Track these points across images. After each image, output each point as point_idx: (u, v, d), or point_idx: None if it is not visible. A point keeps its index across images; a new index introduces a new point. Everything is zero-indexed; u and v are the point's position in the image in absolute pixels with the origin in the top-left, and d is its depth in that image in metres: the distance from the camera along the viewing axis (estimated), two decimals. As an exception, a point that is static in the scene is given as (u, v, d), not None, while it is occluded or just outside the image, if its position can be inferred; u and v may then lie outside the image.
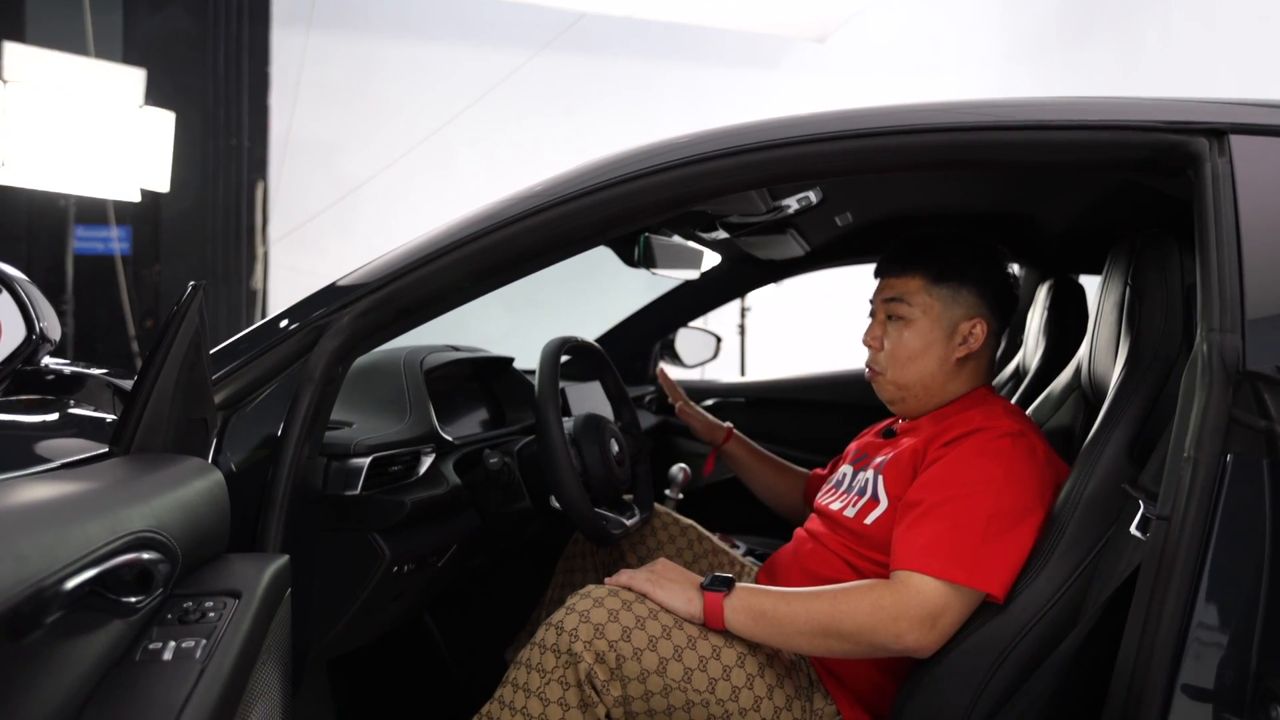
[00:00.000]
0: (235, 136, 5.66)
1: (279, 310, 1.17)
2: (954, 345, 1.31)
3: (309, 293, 1.17)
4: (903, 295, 1.32)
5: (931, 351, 1.31)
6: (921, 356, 1.31)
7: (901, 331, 1.32)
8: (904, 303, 1.32)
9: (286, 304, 1.19)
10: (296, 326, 1.13)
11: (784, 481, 1.73)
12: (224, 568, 0.80)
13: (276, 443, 1.09)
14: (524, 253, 1.16)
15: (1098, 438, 1.13)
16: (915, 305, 1.31)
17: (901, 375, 1.32)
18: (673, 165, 1.12)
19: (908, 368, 1.32)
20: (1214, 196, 0.97)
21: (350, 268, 1.21)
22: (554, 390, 1.36)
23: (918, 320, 1.31)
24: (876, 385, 1.36)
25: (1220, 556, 0.91)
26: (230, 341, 1.15)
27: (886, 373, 1.34)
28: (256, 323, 1.18)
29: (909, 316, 1.31)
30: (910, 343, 1.31)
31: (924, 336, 1.31)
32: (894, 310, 1.33)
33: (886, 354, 1.33)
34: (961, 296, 1.31)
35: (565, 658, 1.10)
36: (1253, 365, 0.89)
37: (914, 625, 1.09)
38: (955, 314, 1.31)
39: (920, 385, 1.32)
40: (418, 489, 1.27)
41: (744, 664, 1.15)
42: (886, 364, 1.33)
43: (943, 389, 1.32)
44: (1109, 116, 1.05)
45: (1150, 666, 0.94)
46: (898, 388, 1.33)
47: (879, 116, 1.10)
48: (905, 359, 1.32)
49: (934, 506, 1.16)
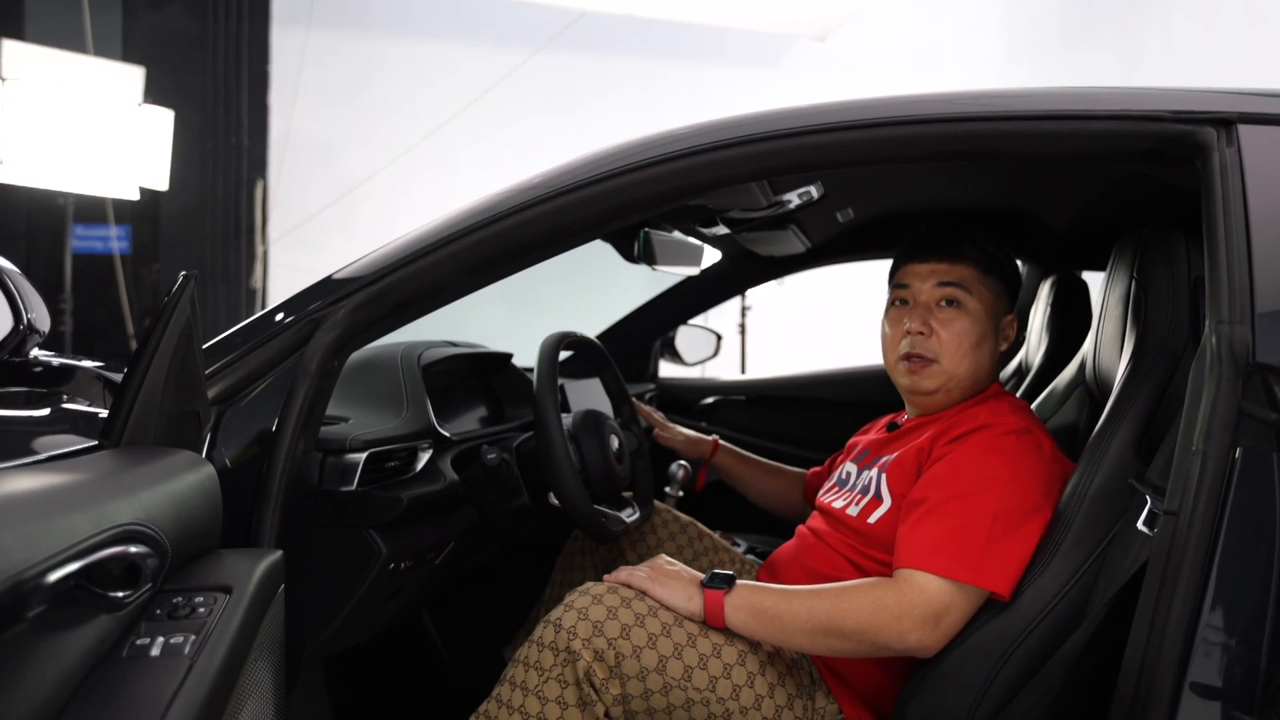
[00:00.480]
0: (235, 135, 5.65)
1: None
2: (998, 339, 1.30)
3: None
4: (962, 281, 1.27)
5: (986, 343, 1.28)
6: (978, 348, 1.27)
7: (957, 319, 1.26)
8: (964, 289, 1.27)
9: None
10: (292, 320, 1.12)
11: (779, 484, 1.72)
12: (216, 563, 0.78)
13: (271, 437, 1.08)
14: (522, 245, 1.14)
15: (1103, 432, 1.12)
16: (974, 294, 1.27)
17: (958, 366, 1.26)
18: (674, 156, 1.10)
19: (966, 358, 1.26)
20: (1222, 187, 0.96)
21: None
22: (552, 385, 1.35)
23: (975, 309, 1.27)
24: (923, 374, 1.27)
25: (1229, 552, 0.89)
26: (225, 335, 1.14)
27: (942, 360, 1.26)
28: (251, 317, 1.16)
29: (967, 305, 1.27)
30: (970, 333, 1.26)
31: (982, 327, 1.27)
32: (953, 295, 1.27)
33: (944, 341, 1.26)
34: (1004, 291, 1.31)
35: (564, 655, 1.08)
36: (1263, 357, 0.88)
37: (917, 624, 1.07)
38: (1000, 308, 1.30)
39: (970, 377, 1.28)
40: (415, 485, 1.26)
41: (745, 662, 1.13)
42: (944, 351, 1.26)
43: (980, 384, 1.30)
44: (1115, 107, 1.03)
45: (1158, 664, 0.92)
46: (949, 378, 1.27)
47: (884, 107, 1.09)
48: (966, 348, 1.26)
49: (939, 504, 1.14)
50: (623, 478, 1.48)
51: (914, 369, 1.28)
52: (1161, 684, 0.92)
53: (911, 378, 1.29)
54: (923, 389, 1.29)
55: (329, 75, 5.71)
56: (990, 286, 1.29)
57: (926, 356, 1.27)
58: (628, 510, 1.48)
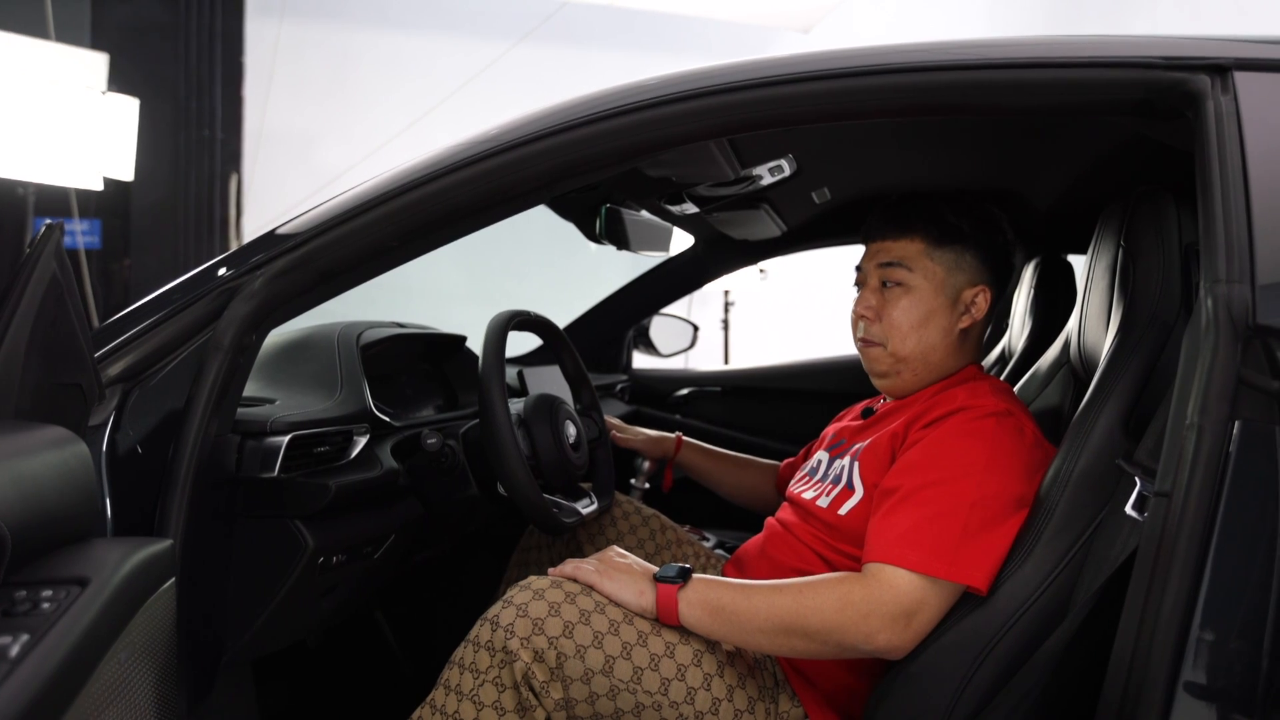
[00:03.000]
0: (208, 128, 5.53)
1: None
2: (957, 314, 1.21)
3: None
4: (902, 259, 1.21)
5: (934, 321, 1.20)
6: (924, 326, 1.20)
7: (901, 299, 1.20)
8: (903, 267, 1.20)
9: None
10: (204, 290, 1.02)
11: (749, 478, 1.63)
12: (78, 553, 0.68)
13: (179, 418, 0.98)
14: (458, 209, 1.05)
15: (1088, 411, 1.03)
16: (916, 270, 1.20)
17: (902, 346, 1.21)
18: (621, 111, 1.02)
19: (909, 338, 1.20)
20: (1218, 136, 0.87)
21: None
22: (499, 367, 1.25)
23: (919, 287, 1.20)
24: (871, 358, 1.24)
25: (1227, 536, 0.81)
26: (133, 307, 1.05)
27: (886, 344, 1.21)
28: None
29: (909, 283, 1.20)
30: (912, 311, 1.20)
31: (926, 304, 1.20)
32: (892, 276, 1.21)
33: (886, 323, 1.21)
34: (965, 261, 1.21)
35: (500, 656, 0.99)
36: (1264, 319, 0.79)
37: (886, 623, 0.98)
38: (958, 280, 1.21)
39: (920, 358, 1.21)
40: (346, 472, 1.16)
41: (701, 662, 1.04)
42: (886, 334, 1.21)
43: (942, 363, 1.22)
44: (1103, 54, 0.95)
45: (1149, 662, 0.84)
46: (896, 360, 1.22)
47: (849, 57, 1.00)
48: (907, 329, 1.20)
49: (912, 493, 1.05)
50: (579, 466, 1.38)
51: (865, 352, 1.25)
52: (1153, 684, 0.83)
53: (865, 360, 1.26)
54: (875, 371, 1.25)
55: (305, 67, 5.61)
56: (942, 259, 1.20)
57: (870, 340, 1.24)
58: (584, 501, 1.38)
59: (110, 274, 5.29)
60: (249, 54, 5.58)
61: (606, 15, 5.39)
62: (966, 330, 1.22)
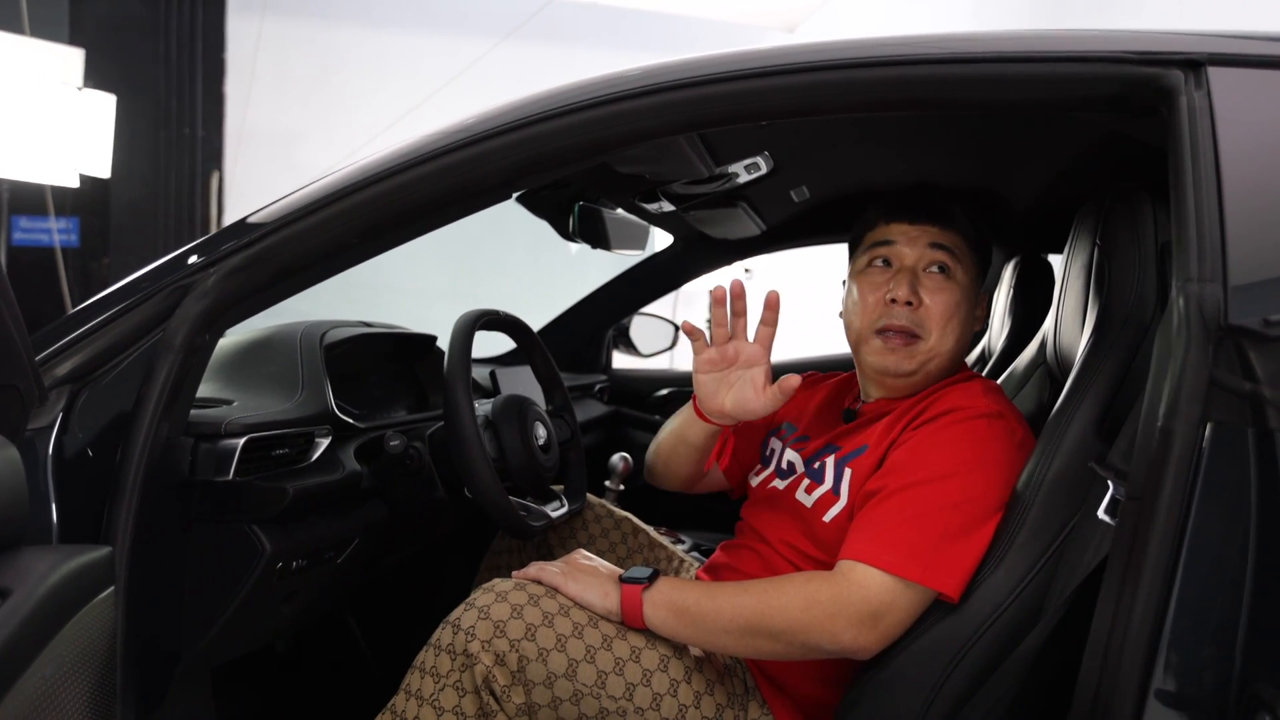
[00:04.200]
0: (189, 125, 5.48)
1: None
2: (975, 317, 1.17)
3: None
4: (953, 248, 1.12)
5: (966, 320, 1.14)
6: (962, 323, 1.12)
7: (946, 287, 1.11)
8: (953, 255, 1.11)
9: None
10: (155, 287, 0.99)
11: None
12: (4, 563, 0.65)
13: (127, 420, 0.95)
14: (420, 205, 1.02)
15: (1062, 412, 1.01)
16: (962, 264, 1.12)
17: (940, 341, 1.10)
18: (586, 105, 0.99)
19: (949, 334, 1.11)
20: (1190, 132, 0.85)
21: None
22: (465, 366, 1.23)
23: (961, 281, 1.12)
24: (904, 354, 1.10)
25: (1199, 541, 0.79)
26: (82, 306, 1.02)
27: (929, 336, 1.10)
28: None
29: (955, 274, 1.12)
30: (954, 304, 1.10)
31: (967, 299, 1.13)
32: (943, 260, 1.11)
33: (932, 313, 1.10)
34: (983, 267, 1.19)
35: (461, 660, 0.97)
36: (1236, 319, 0.77)
37: (852, 623, 0.96)
38: (979, 284, 1.18)
39: (950, 356, 1.13)
40: (306, 475, 1.13)
41: (667, 667, 1.01)
42: (927, 324, 1.10)
43: (955, 363, 1.16)
44: (1076, 48, 0.93)
45: (1120, 669, 0.82)
46: (931, 356, 1.11)
47: (819, 51, 0.98)
48: (951, 322, 1.10)
49: (895, 492, 1.02)
50: (549, 469, 1.36)
51: (894, 346, 1.11)
52: (1124, 691, 0.81)
53: (890, 357, 1.11)
54: (902, 370, 1.12)
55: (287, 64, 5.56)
56: (975, 260, 1.17)
57: (913, 332, 1.10)
58: (554, 504, 1.36)
59: (89, 273, 5.22)
60: (230, 51, 5.53)
61: (591, 13, 5.36)
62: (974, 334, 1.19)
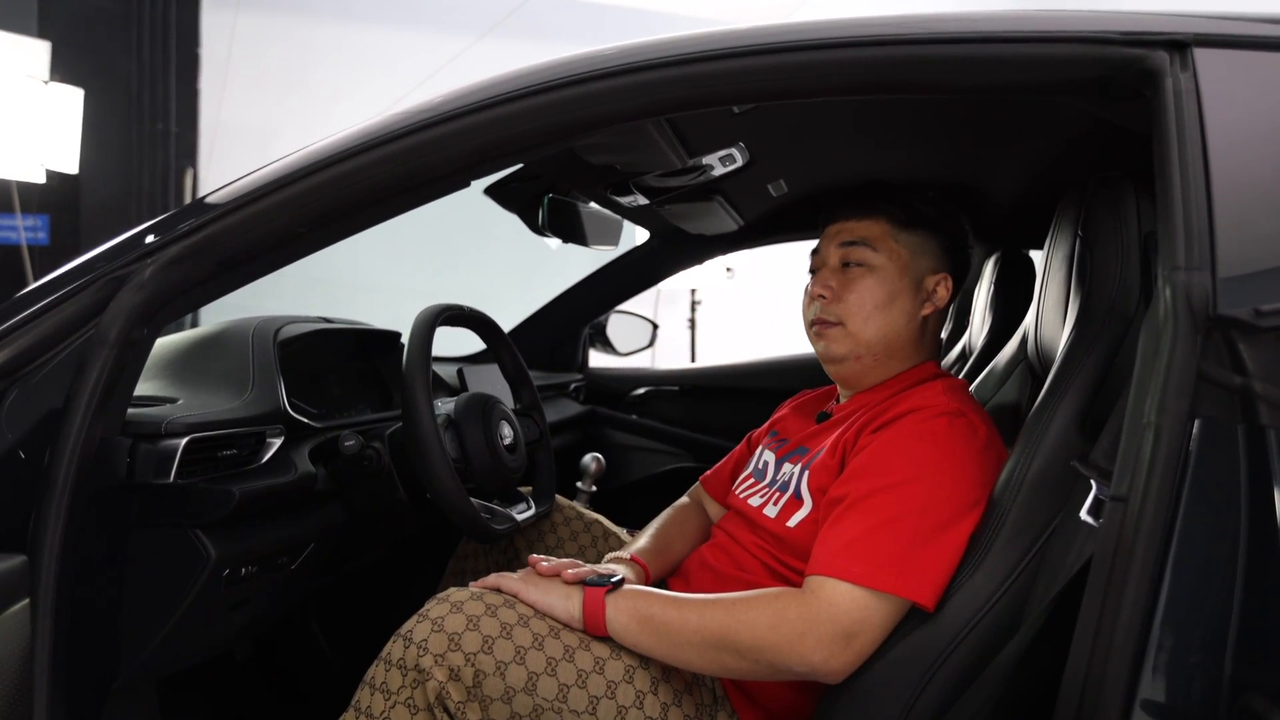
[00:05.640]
0: (162, 121, 5.39)
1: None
2: (920, 300, 1.15)
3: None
4: (866, 239, 1.15)
5: (898, 304, 1.14)
6: (887, 309, 1.14)
7: (864, 279, 1.14)
8: (868, 247, 1.14)
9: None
10: (90, 279, 0.94)
11: (691, 528, 1.33)
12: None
13: (57, 419, 0.90)
14: (372, 192, 0.97)
15: (1043, 409, 0.97)
16: (881, 250, 1.14)
17: (864, 328, 1.14)
18: (546, 87, 0.94)
19: (872, 320, 1.13)
20: (1176, 115, 0.81)
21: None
22: (424, 363, 1.17)
23: (883, 267, 1.14)
24: (828, 340, 1.16)
25: (1187, 543, 0.75)
26: (14, 298, 0.96)
27: (846, 322, 1.14)
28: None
29: (872, 263, 1.14)
30: (875, 291, 1.13)
31: (890, 285, 1.14)
32: (855, 255, 1.15)
33: (847, 303, 1.14)
34: (929, 247, 1.16)
35: (413, 675, 0.91)
36: (1225, 309, 0.73)
37: (823, 644, 0.92)
38: (922, 265, 1.16)
39: (883, 344, 1.14)
40: (254, 477, 1.08)
41: (633, 678, 0.97)
42: (846, 313, 1.14)
43: (902, 351, 1.16)
44: (1057, 28, 0.89)
45: (1104, 678, 0.78)
46: (855, 343, 1.14)
47: (786, 31, 0.94)
48: (871, 309, 1.13)
49: (859, 500, 0.99)
50: (515, 470, 1.31)
51: (820, 332, 1.17)
52: (1108, 701, 0.77)
53: (819, 343, 1.18)
54: (832, 355, 1.17)
55: (264, 59, 5.48)
56: (907, 242, 1.15)
57: (826, 320, 1.16)
58: (520, 506, 1.31)
59: (59, 271, 5.13)
60: (205, 45, 5.44)
61: (573, 10, 5.32)
62: (927, 319, 1.16)
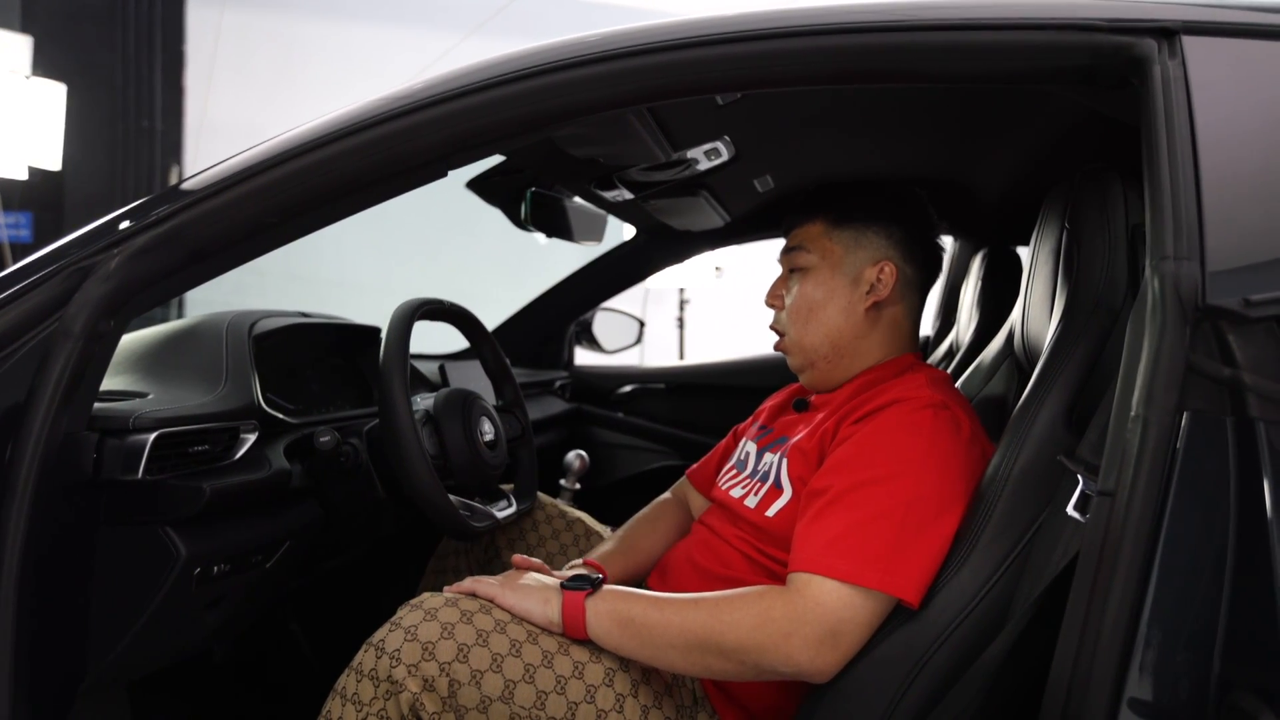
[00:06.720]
0: (147, 118, 5.35)
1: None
2: (860, 293, 1.13)
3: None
4: (802, 242, 1.16)
5: (834, 302, 1.13)
6: (823, 309, 1.13)
7: (801, 283, 1.16)
8: (803, 250, 1.16)
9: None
10: (54, 269, 0.91)
11: (666, 526, 1.33)
12: None
13: (19, 414, 0.87)
14: (346, 181, 0.95)
15: (1029, 404, 0.96)
16: (814, 251, 1.15)
17: (805, 334, 1.14)
18: (521, 75, 0.92)
19: (810, 323, 1.14)
20: (1165, 103, 0.80)
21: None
22: (402, 358, 1.15)
23: (815, 267, 1.15)
24: (786, 355, 1.19)
25: (1175, 539, 0.73)
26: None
27: (789, 331, 1.16)
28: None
29: (807, 265, 1.15)
30: (810, 293, 1.14)
31: (824, 285, 1.14)
32: (794, 261, 1.16)
33: (788, 310, 1.16)
34: (866, 239, 1.14)
35: (385, 686, 0.89)
36: (1214, 299, 0.72)
37: (809, 643, 0.89)
38: (858, 258, 1.14)
39: (828, 344, 1.14)
40: (226, 474, 1.05)
41: (613, 682, 0.95)
42: (788, 321, 1.16)
43: (854, 348, 1.14)
44: (1040, 14, 0.87)
45: (1091, 676, 0.76)
46: (803, 350, 1.15)
47: (766, 18, 0.92)
48: (806, 312, 1.14)
49: (842, 494, 0.97)
50: (495, 466, 1.28)
51: (777, 348, 1.20)
52: (1095, 700, 0.76)
53: (786, 357, 1.20)
54: (793, 368, 1.19)
55: (250, 57, 5.45)
56: (841, 238, 1.14)
57: (779, 330, 1.19)
58: (500, 504, 1.28)
59: (42, 269, 5.09)
60: (190, 42, 5.41)
61: (562, 7, 5.30)
62: (877, 309, 1.13)
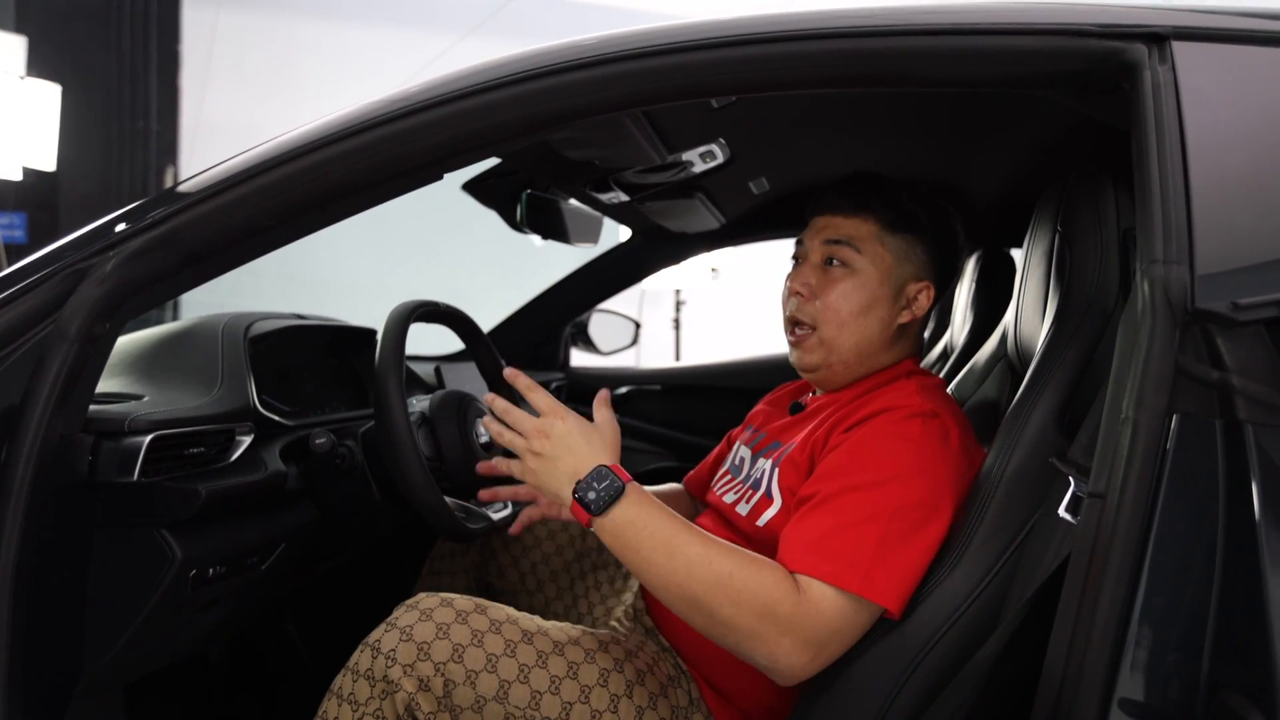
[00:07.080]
0: (143, 118, 5.34)
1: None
2: (898, 309, 1.11)
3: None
4: (852, 239, 1.10)
5: (875, 311, 1.09)
6: (864, 315, 1.09)
7: (843, 280, 1.09)
8: (852, 248, 1.09)
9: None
10: (49, 271, 0.91)
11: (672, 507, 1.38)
12: None
13: (15, 416, 0.88)
14: (341, 184, 0.95)
15: (1021, 406, 0.96)
16: (865, 253, 1.09)
17: (839, 335, 1.10)
18: (517, 79, 0.93)
19: (847, 326, 1.09)
20: (1155, 108, 0.81)
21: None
22: (397, 360, 1.15)
23: (865, 271, 1.09)
24: (802, 350, 1.12)
25: (1164, 540, 0.74)
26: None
27: (821, 328, 1.10)
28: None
29: (855, 265, 1.09)
30: (853, 296, 1.09)
31: (870, 291, 1.09)
32: (839, 254, 1.10)
33: (822, 305, 1.10)
34: (915, 253, 1.11)
35: (381, 686, 0.89)
36: (1203, 303, 0.73)
37: (799, 647, 0.89)
38: (905, 271, 1.11)
39: (854, 351, 1.10)
40: (222, 476, 1.05)
41: (608, 682, 0.95)
42: (821, 317, 1.10)
43: (873, 358, 1.12)
44: (1035, 20, 0.88)
45: (1082, 676, 0.77)
46: (828, 353, 1.10)
47: (764, 23, 0.92)
48: (846, 315, 1.09)
49: (828, 498, 0.96)
50: (491, 468, 1.28)
51: (795, 340, 1.13)
52: (1085, 700, 0.77)
53: (794, 352, 1.14)
54: (804, 365, 1.13)
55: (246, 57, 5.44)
56: (893, 245, 1.10)
57: (804, 322, 1.12)
58: (496, 506, 1.29)
59: (36, 270, 5.08)
60: (185, 43, 5.40)
61: (557, 8, 5.31)
62: (905, 326, 1.13)
